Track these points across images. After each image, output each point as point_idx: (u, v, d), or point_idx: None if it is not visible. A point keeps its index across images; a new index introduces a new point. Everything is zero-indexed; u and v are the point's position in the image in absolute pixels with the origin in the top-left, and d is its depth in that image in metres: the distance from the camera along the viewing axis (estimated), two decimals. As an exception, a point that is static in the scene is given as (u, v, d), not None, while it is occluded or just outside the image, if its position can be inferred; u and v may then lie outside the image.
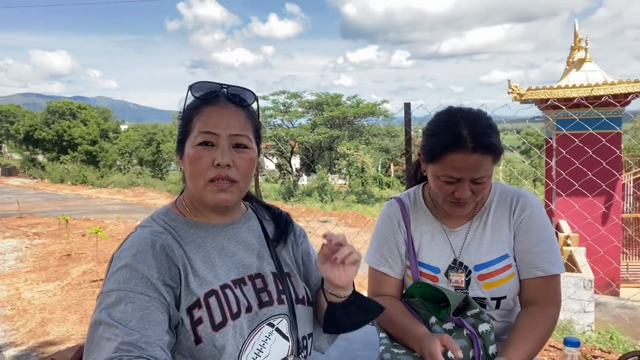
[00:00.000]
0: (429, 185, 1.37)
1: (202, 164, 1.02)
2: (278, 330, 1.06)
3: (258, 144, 1.12)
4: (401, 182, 27.68)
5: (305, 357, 1.10)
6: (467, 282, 1.31)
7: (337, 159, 26.06)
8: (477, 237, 1.34)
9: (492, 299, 1.31)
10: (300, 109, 24.83)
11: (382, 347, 1.30)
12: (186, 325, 0.97)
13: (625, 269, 9.34)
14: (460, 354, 1.10)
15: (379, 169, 29.49)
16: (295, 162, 26.89)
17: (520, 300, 1.35)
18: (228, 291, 1.03)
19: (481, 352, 1.21)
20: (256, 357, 1.02)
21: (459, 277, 1.31)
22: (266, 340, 1.04)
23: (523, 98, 9.70)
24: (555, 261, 1.29)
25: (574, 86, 8.97)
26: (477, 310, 1.26)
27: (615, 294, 7.47)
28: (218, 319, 0.99)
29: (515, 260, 1.32)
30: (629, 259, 9.86)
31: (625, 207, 9.81)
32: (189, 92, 1.08)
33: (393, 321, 1.33)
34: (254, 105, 1.12)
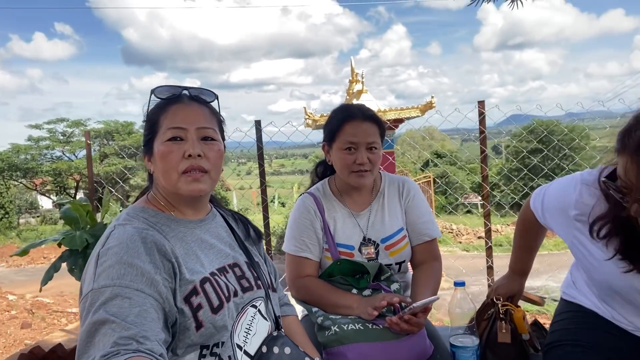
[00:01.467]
0: (334, 179, 1.69)
1: (173, 158, 1.07)
2: (259, 311, 1.17)
3: (223, 137, 1.20)
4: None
5: (282, 332, 1.22)
6: (377, 253, 1.61)
7: (134, 191, 24.28)
8: (379, 216, 1.66)
9: (396, 263, 1.64)
10: (84, 139, 22.41)
11: (321, 317, 1.46)
12: (187, 314, 1.00)
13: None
14: (396, 300, 1.39)
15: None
16: (81, 198, 23.95)
17: (413, 262, 1.69)
18: (217, 278, 1.09)
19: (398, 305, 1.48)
20: (247, 335, 1.10)
21: (370, 250, 1.60)
22: (252, 320, 1.13)
23: (318, 123, 10.86)
24: (435, 228, 1.68)
25: (356, 113, 10.49)
26: (389, 273, 1.55)
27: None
28: (215, 302, 1.04)
29: (407, 231, 1.67)
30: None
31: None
32: (152, 95, 1.13)
33: (321, 296, 1.53)
34: (214, 104, 1.20)
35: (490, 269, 3.66)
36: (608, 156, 1.13)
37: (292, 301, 1.53)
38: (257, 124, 3.59)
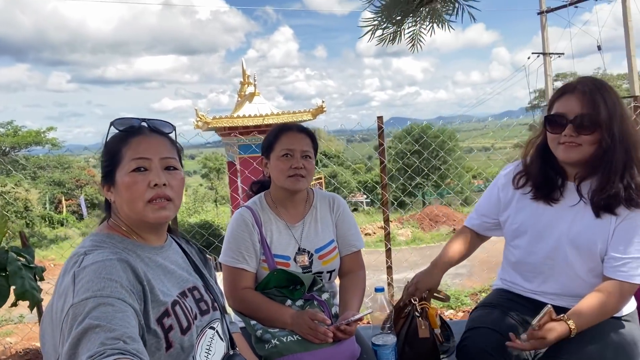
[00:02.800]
0: (269, 192, 1.80)
1: (139, 188, 1.11)
2: (217, 332, 1.24)
3: (181, 165, 1.25)
4: (77, 218, 24.99)
5: (237, 351, 1.31)
6: (311, 262, 1.74)
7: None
8: (312, 228, 1.78)
9: (328, 272, 1.77)
10: None
11: (260, 331, 1.55)
12: (159, 334, 1.04)
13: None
14: (328, 320, 1.51)
15: (47, 205, 25.80)
16: None
17: (341, 271, 1.84)
18: (182, 301, 1.15)
19: (330, 312, 1.65)
20: (207, 356, 1.18)
21: (304, 259, 1.72)
22: (211, 340, 1.20)
23: (210, 126, 10.66)
24: (360, 240, 1.87)
25: (249, 116, 10.50)
26: (320, 285, 1.70)
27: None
28: (185, 324, 1.11)
29: (337, 243, 1.82)
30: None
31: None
32: (111, 127, 1.17)
33: (259, 309, 1.62)
34: (172, 135, 1.25)
35: (389, 268, 3.97)
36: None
37: (229, 310, 1.60)
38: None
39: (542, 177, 1.59)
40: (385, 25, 1.70)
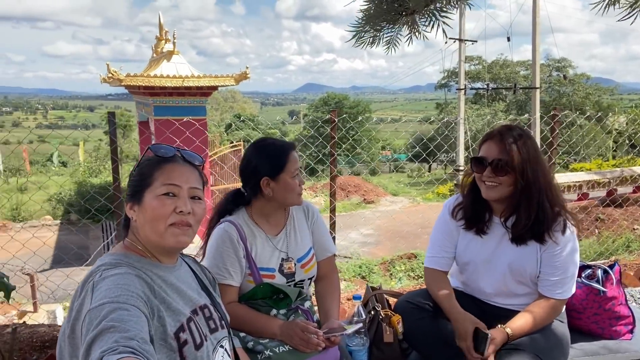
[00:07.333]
0: (251, 207, 1.80)
1: (165, 211, 1.18)
2: (226, 351, 1.29)
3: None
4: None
5: None
6: (294, 272, 1.78)
7: None
8: (292, 239, 1.82)
9: (308, 279, 1.83)
10: None
11: (251, 342, 1.59)
12: (174, 348, 1.10)
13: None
14: (320, 333, 1.57)
15: None
16: None
17: (317, 276, 1.89)
18: (195, 318, 1.19)
19: (314, 319, 1.72)
20: None
21: (290, 265, 1.77)
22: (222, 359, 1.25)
23: (122, 83, 9.92)
24: (333, 244, 1.94)
25: (167, 76, 9.91)
26: (304, 295, 1.77)
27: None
28: (198, 340, 1.17)
29: (314, 250, 1.87)
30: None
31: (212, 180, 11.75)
32: (147, 150, 1.27)
33: (247, 322, 1.65)
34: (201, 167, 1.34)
35: (333, 238, 4.09)
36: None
37: None
38: (111, 115, 3.13)
39: (472, 211, 1.80)
40: (367, 30, 1.78)
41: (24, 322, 3.56)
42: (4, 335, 2.27)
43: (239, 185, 1.84)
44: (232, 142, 17.65)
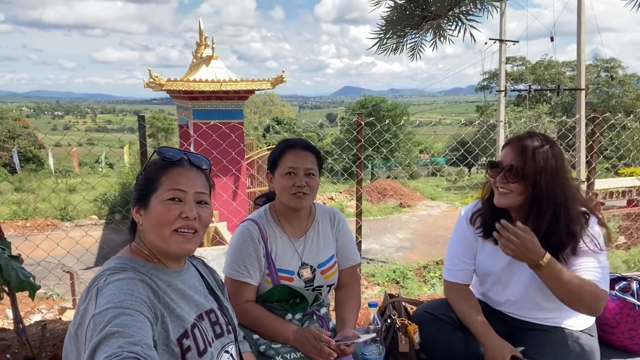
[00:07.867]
0: (274, 205, 1.78)
1: (171, 216, 1.17)
2: (232, 356, 1.28)
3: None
4: (9, 171, 23.32)
5: None
6: (313, 277, 1.77)
7: None
8: (315, 243, 1.80)
9: (327, 286, 1.81)
10: None
11: (263, 346, 1.59)
12: (177, 354, 1.09)
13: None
14: (333, 342, 1.54)
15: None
16: None
17: (338, 284, 1.86)
18: (200, 324, 1.18)
19: (329, 326, 1.70)
20: None
21: (307, 272, 1.75)
22: None
23: (163, 88, 10.21)
24: (357, 253, 1.91)
25: (206, 81, 10.13)
26: (320, 301, 1.75)
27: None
28: (202, 346, 1.16)
29: (337, 257, 1.85)
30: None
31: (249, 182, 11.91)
32: (154, 153, 1.26)
33: (261, 324, 1.64)
34: (207, 171, 1.31)
35: (359, 243, 4.07)
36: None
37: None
38: (141, 119, 3.25)
39: (491, 219, 1.68)
40: (389, 37, 1.74)
41: (60, 318, 3.71)
42: (37, 331, 2.37)
43: None
44: (269, 145, 17.83)
